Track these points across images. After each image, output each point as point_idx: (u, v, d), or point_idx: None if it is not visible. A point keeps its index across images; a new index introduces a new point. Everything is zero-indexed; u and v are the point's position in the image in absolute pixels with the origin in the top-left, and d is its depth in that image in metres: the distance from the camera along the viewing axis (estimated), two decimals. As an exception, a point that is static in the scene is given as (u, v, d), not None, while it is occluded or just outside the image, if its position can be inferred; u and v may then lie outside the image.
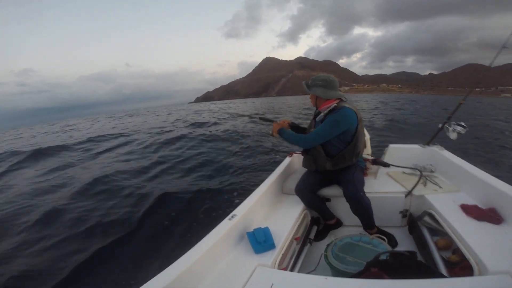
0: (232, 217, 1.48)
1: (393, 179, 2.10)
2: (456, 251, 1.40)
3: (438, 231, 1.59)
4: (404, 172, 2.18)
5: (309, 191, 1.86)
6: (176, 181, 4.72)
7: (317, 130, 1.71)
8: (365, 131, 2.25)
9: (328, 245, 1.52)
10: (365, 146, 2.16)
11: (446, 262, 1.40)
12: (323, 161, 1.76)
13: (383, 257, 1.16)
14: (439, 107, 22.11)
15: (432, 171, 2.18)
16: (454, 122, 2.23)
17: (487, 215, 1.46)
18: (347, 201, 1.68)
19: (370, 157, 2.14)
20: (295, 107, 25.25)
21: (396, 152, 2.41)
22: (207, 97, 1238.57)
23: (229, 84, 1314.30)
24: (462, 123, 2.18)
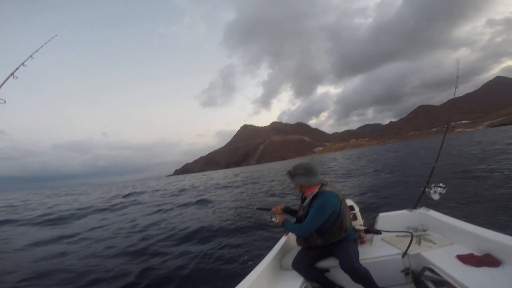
0: None
1: (388, 243, 2.18)
2: None
3: (443, 281, 1.62)
4: (397, 236, 2.27)
5: (305, 266, 1.94)
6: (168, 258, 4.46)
7: (307, 220, 1.85)
8: (354, 205, 2.56)
9: None
10: (355, 219, 2.45)
11: None
12: (314, 238, 1.92)
13: None
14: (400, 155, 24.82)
15: (424, 230, 2.28)
16: (433, 185, 2.39)
17: (485, 260, 1.56)
18: (345, 273, 1.72)
19: (362, 228, 2.31)
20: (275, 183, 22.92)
21: (386, 219, 2.56)
22: (187, 169, 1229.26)
23: (208, 154, 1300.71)
24: (441, 184, 2.34)
